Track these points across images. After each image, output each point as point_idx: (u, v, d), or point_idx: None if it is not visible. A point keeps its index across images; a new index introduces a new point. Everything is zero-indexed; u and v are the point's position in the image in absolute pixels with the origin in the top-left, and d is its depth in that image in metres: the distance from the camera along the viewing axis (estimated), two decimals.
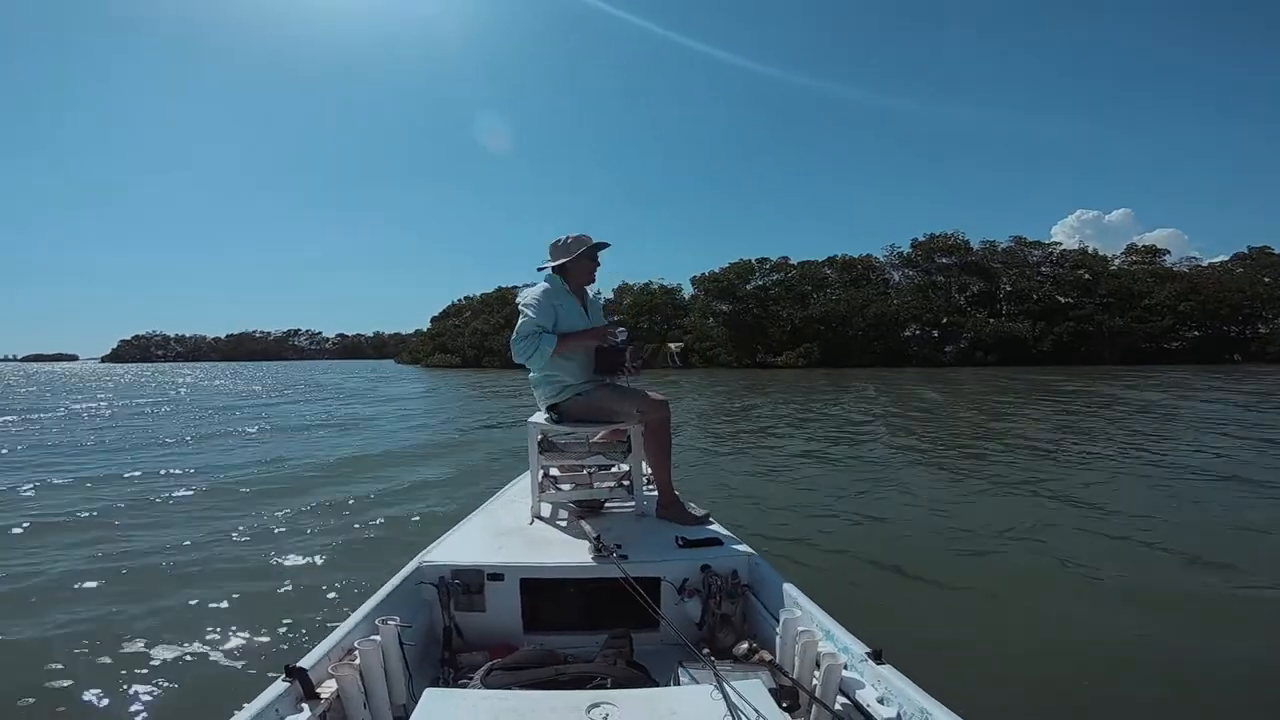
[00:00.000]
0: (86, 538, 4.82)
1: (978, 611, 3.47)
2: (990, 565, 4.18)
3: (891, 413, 14.50)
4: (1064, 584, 3.84)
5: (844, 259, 57.13)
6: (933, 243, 54.55)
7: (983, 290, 53.06)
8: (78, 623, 3.28)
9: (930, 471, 7.50)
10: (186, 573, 4.03)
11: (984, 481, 6.74)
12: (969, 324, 49.61)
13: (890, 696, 1.52)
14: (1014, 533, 4.82)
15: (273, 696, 1.44)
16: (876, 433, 11.06)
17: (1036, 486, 6.40)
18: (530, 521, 2.83)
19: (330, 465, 8.14)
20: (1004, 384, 24.59)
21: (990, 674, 2.74)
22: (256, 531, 4.95)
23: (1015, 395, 19.13)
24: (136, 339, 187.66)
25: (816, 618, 1.92)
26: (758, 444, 9.95)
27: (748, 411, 15.40)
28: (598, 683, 1.59)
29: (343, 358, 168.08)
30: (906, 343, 50.88)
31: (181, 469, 7.77)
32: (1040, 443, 9.52)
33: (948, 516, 5.31)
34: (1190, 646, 3.02)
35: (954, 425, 12.32)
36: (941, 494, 6.20)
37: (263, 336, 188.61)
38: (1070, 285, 50.23)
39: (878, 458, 8.44)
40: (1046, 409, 14.93)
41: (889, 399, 18.20)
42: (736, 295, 55.78)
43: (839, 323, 50.49)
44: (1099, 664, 2.84)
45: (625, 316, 57.90)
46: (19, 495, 6.44)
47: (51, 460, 8.77)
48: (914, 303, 51.47)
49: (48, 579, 3.95)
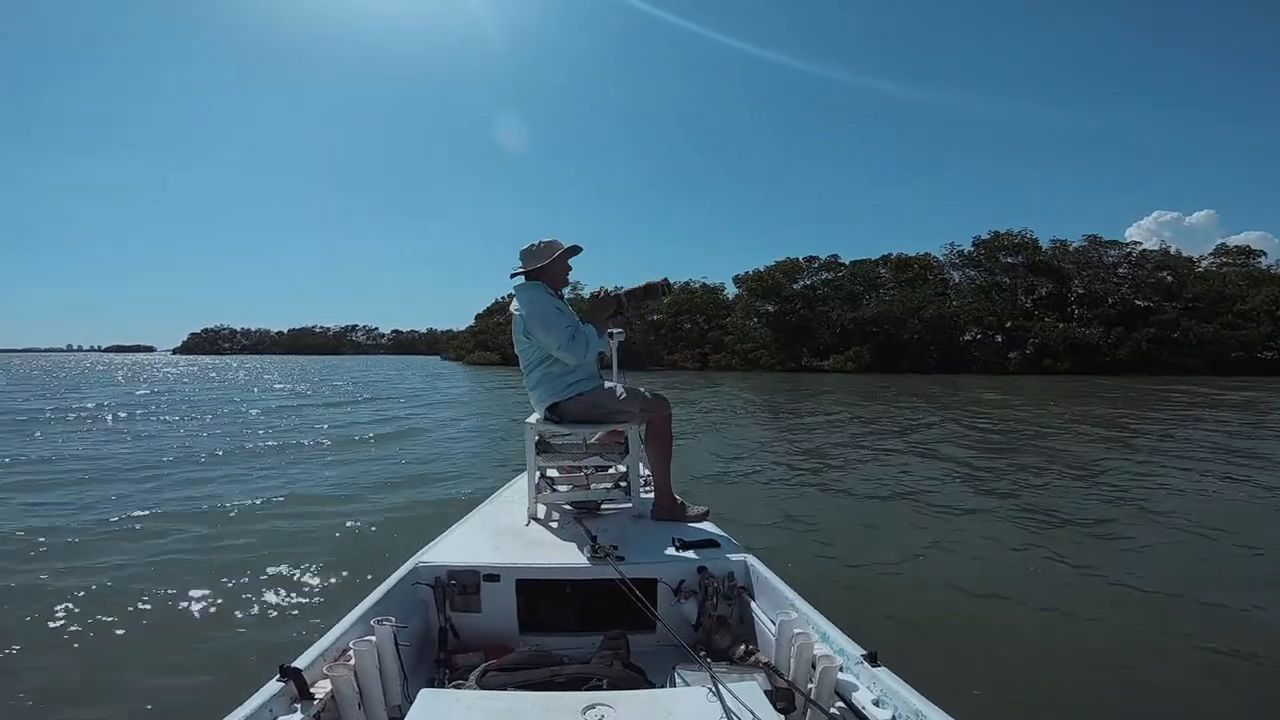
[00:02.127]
0: (85, 535, 4.70)
1: (974, 615, 3.48)
2: (989, 568, 4.19)
3: (977, 427, 12.82)
4: (1062, 587, 3.82)
5: (899, 258, 53.75)
6: (997, 241, 50.80)
7: (1052, 292, 49.22)
8: (66, 619, 3.25)
9: (940, 479, 7.29)
10: (179, 570, 3.98)
11: (987, 484, 6.77)
12: (1036, 328, 46.02)
13: (886, 699, 1.51)
14: (1014, 536, 4.87)
15: (266, 697, 1.41)
16: (908, 440, 10.24)
17: (1043, 495, 6.37)
18: (527, 522, 2.81)
19: (331, 462, 8.01)
20: (1092, 396, 22.25)
21: (986, 677, 2.75)
22: (254, 528, 4.90)
23: (1131, 409, 16.94)
24: (205, 332, 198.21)
25: (813, 620, 1.88)
26: (768, 446, 9.65)
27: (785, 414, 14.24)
28: (594, 684, 1.58)
29: (396, 353, 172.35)
30: (966, 347, 47.60)
31: (182, 465, 7.65)
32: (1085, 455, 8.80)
33: (948, 516, 5.42)
34: (1189, 649, 3.05)
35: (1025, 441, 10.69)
36: (942, 495, 6.26)
37: (322, 332, 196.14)
38: (1151, 288, 46.14)
39: (885, 462, 8.32)
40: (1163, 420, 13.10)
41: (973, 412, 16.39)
42: (782, 295, 53.34)
43: (892, 325, 47.55)
44: (1095, 668, 2.88)
45: (665, 316, 56.52)
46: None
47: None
48: (975, 305, 48.02)
49: (30, 579, 3.86)
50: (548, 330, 2.84)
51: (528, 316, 2.90)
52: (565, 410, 2.95)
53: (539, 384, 2.99)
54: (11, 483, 6.68)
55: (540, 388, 2.98)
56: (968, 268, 52.56)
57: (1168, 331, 43.18)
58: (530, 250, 2.99)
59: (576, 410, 2.94)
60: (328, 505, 5.66)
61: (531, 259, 2.99)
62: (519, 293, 3.00)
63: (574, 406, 2.94)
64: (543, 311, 2.88)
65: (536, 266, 2.98)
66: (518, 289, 3.02)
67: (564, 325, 2.85)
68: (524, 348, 2.99)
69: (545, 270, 2.99)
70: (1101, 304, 46.44)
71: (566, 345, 2.83)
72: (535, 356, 2.97)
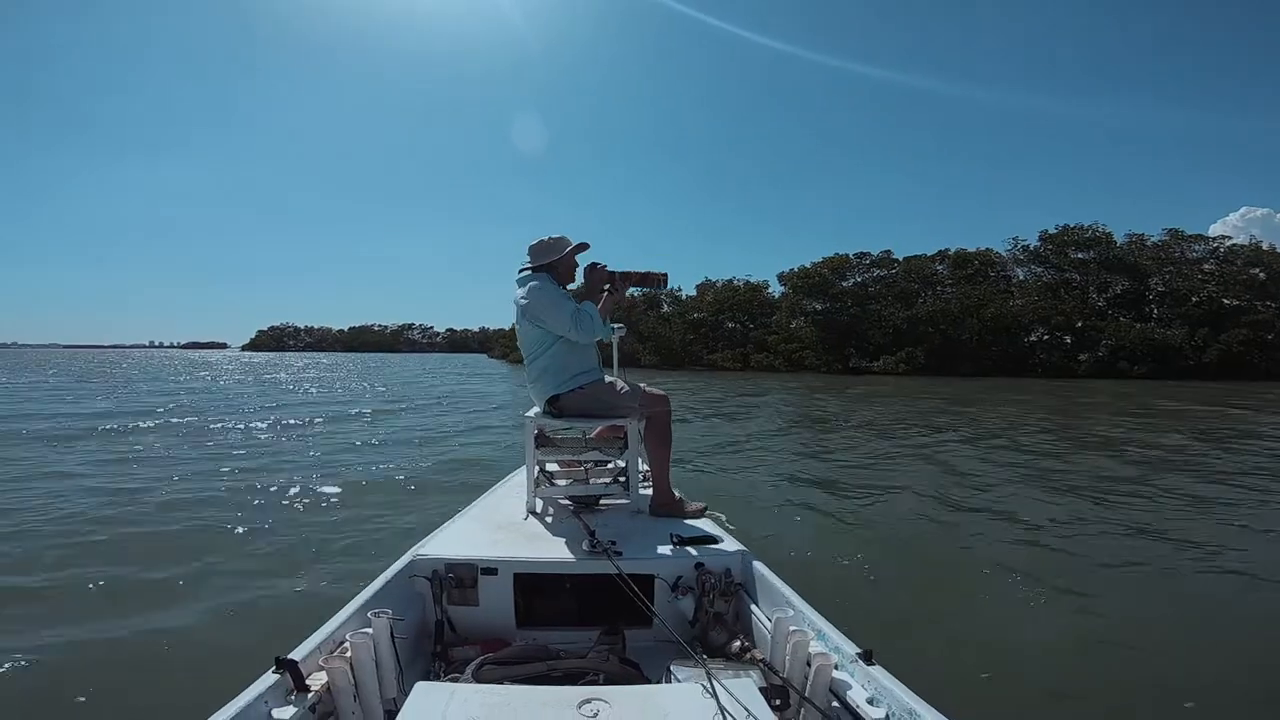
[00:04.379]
0: (78, 531, 4.68)
1: (971, 614, 3.51)
2: (987, 568, 4.19)
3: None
4: (1058, 588, 3.81)
5: (958, 253, 50.68)
6: (1066, 235, 47.38)
7: (1128, 290, 45.68)
8: (61, 609, 3.30)
9: (941, 476, 7.40)
10: (176, 560, 4.00)
11: (990, 486, 6.84)
12: (1109, 329, 42.68)
13: (880, 697, 1.52)
14: (1012, 537, 4.91)
15: (262, 688, 1.41)
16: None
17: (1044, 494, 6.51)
18: (525, 516, 2.81)
19: (330, 460, 7.98)
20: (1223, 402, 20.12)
21: (982, 677, 2.76)
22: (251, 522, 4.90)
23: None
24: (272, 329, 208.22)
25: (809, 617, 1.89)
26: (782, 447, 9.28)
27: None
28: (590, 679, 1.60)
29: (450, 351, 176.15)
30: (1030, 349, 44.49)
31: (183, 462, 7.65)
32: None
33: (947, 518, 5.47)
34: (1186, 649, 3.11)
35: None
36: (943, 498, 6.22)
37: (380, 330, 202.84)
38: (1242, 285, 42.14)
39: (893, 464, 8.30)
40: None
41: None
42: (830, 292, 51.05)
43: (949, 324, 44.82)
44: (1091, 667, 2.92)
45: (706, 314, 55.03)
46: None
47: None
48: (1041, 303, 44.82)
49: (26, 560, 4.00)
50: (554, 312, 2.85)
51: (531, 303, 2.89)
52: (565, 403, 2.95)
53: (540, 376, 2.99)
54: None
55: (541, 380, 2.98)
56: (1033, 264, 49.18)
57: (1262, 333, 39.41)
58: (539, 246, 3.02)
59: (576, 403, 2.95)
60: (323, 498, 5.71)
61: (540, 254, 3.01)
62: (522, 283, 2.97)
63: (574, 400, 2.94)
64: (547, 295, 2.89)
65: (546, 262, 3.00)
66: (522, 280, 3.00)
67: (569, 306, 2.87)
68: (526, 338, 2.99)
69: (554, 266, 3.01)
70: (1184, 302, 42.76)
71: (573, 323, 2.83)
72: (537, 348, 2.96)
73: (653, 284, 3.11)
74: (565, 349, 2.93)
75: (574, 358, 2.95)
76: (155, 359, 76.55)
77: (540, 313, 2.87)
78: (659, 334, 54.50)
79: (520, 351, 3.06)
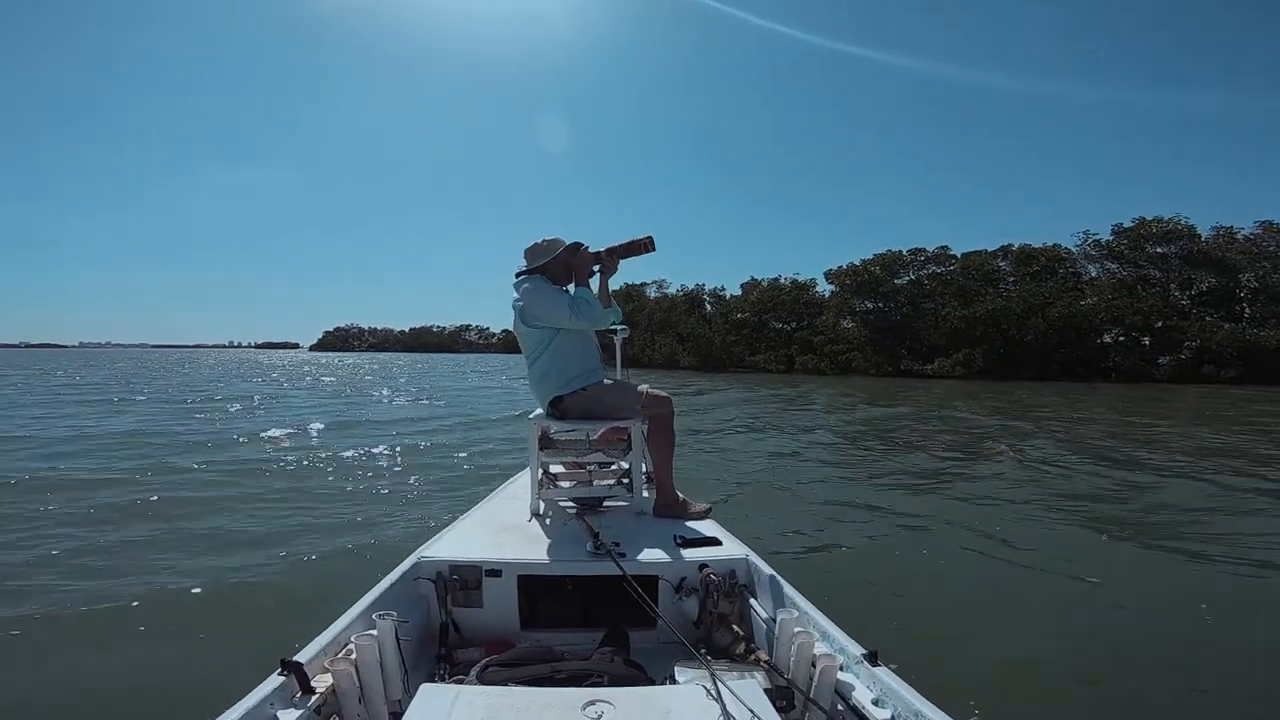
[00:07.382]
0: (77, 530, 4.69)
1: (975, 615, 3.49)
2: (987, 569, 4.18)
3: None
4: (1059, 588, 3.81)
5: (1022, 248, 47.62)
6: (1143, 229, 43.83)
7: (1215, 287, 41.94)
8: (66, 606, 3.30)
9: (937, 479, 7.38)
10: (181, 561, 4.00)
11: (990, 486, 6.80)
12: (1194, 330, 39.28)
13: (885, 698, 1.52)
14: (1012, 538, 4.80)
15: (267, 690, 1.42)
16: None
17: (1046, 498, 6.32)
18: (529, 518, 2.81)
19: (330, 458, 8.00)
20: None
21: (986, 678, 2.74)
22: (254, 523, 4.91)
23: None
24: (338, 330, 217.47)
25: (813, 618, 1.89)
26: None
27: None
28: (594, 680, 1.59)
29: (505, 352, 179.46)
30: (1103, 351, 41.27)
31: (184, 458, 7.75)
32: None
33: (946, 519, 5.36)
34: (1187, 649, 3.08)
35: None
36: (943, 498, 6.27)
37: (439, 330, 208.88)
38: None
39: (900, 466, 8.27)
40: None
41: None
42: (882, 291, 48.67)
43: (1011, 324, 42.00)
44: (1094, 668, 2.88)
45: (750, 315, 53.46)
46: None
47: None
48: (1116, 302, 41.60)
49: (28, 562, 3.97)
50: (550, 305, 2.87)
51: (527, 302, 2.91)
52: (568, 405, 2.94)
53: (542, 378, 2.98)
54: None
55: (543, 382, 2.98)
56: (1107, 260, 45.72)
57: None
58: (533, 249, 3.04)
59: (578, 405, 2.94)
60: (328, 501, 5.71)
61: (534, 257, 3.03)
62: (518, 285, 3.01)
63: (576, 401, 2.94)
64: (541, 292, 2.91)
65: (540, 264, 3.01)
66: (517, 282, 3.03)
67: (564, 297, 2.90)
68: (525, 339, 3.00)
69: (548, 267, 3.01)
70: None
71: (571, 310, 2.85)
72: (536, 349, 2.97)
73: (640, 250, 3.08)
74: (565, 349, 2.93)
75: (575, 358, 2.94)
76: (229, 358, 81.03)
77: (537, 309, 2.89)
78: (698, 334, 53.37)
79: (523, 353, 3.07)
